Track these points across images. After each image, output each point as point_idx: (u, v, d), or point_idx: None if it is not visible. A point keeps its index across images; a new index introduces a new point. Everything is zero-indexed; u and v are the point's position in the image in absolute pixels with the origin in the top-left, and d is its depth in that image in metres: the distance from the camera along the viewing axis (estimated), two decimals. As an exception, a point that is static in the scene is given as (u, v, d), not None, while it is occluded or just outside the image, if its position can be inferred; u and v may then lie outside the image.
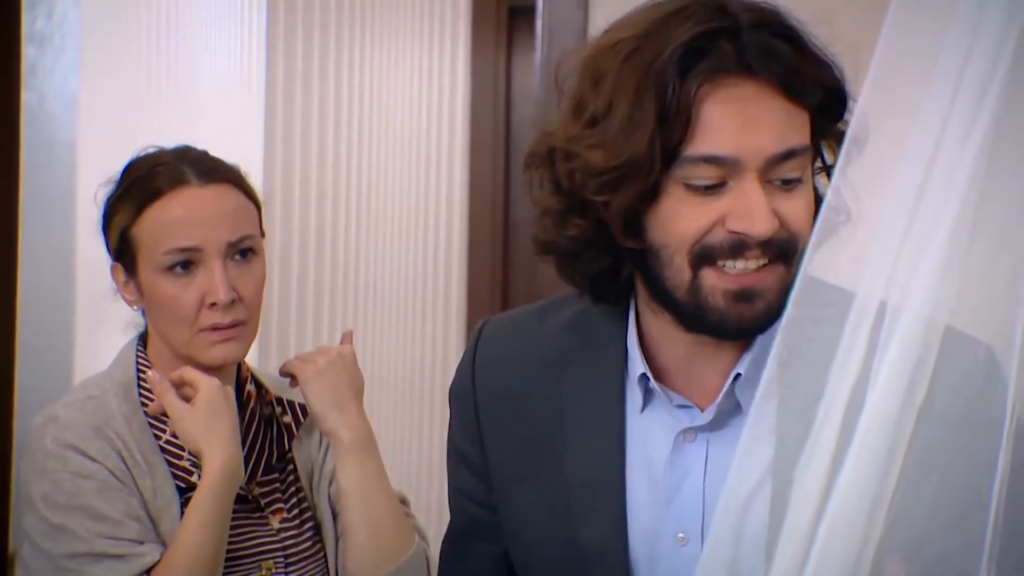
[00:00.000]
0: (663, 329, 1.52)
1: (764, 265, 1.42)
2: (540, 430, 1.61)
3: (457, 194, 4.88)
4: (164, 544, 2.02)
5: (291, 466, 2.22)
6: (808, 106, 1.42)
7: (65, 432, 2.03)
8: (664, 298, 1.48)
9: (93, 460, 2.02)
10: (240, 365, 2.20)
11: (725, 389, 1.52)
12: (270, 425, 2.21)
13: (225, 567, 2.07)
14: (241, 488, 2.11)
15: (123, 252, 2.12)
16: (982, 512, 1.11)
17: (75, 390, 2.14)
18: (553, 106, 1.51)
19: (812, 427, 1.11)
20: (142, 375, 2.13)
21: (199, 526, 2.00)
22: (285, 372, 2.19)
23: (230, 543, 2.09)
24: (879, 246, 1.10)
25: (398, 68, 4.82)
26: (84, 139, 3.74)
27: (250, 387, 2.20)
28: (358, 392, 2.20)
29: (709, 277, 1.43)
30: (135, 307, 2.15)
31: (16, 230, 3.39)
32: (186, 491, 2.06)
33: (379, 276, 4.79)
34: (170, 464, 2.08)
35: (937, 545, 1.13)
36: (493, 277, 4.87)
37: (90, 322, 3.76)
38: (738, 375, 1.51)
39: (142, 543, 2.00)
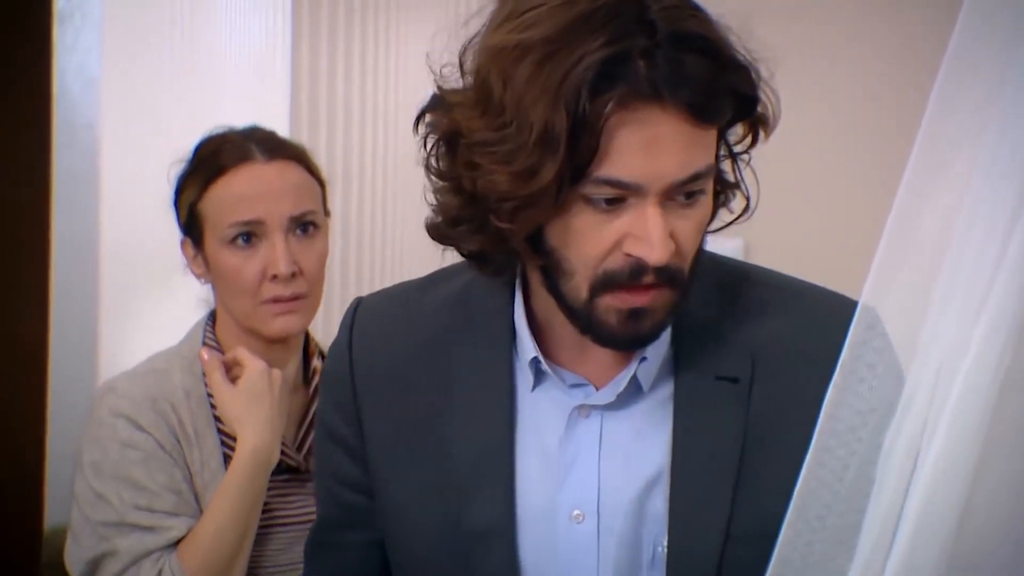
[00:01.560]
0: (556, 311, 1.50)
1: (654, 285, 1.42)
2: (424, 410, 1.58)
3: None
4: None
5: None
6: (718, 123, 1.42)
7: (121, 402, 2.11)
8: (559, 299, 1.47)
9: (143, 431, 2.09)
10: (308, 340, 2.26)
11: (630, 373, 1.52)
12: None
13: (273, 532, 2.15)
14: (292, 459, 2.19)
15: (191, 227, 2.21)
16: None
17: (143, 362, 2.23)
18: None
19: (894, 407, 1.09)
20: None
21: (224, 507, 2.06)
22: None
23: (279, 511, 2.16)
24: (961, 222, 1.08)
25: (424, 53, 4.80)
26: (106, 120, 3.72)
27: (316, 362, 2.27)
28: None
29: (605, 299, 1.43)
30: (203, 280, 2.21)
31: (48, 217, 3.42)
32: None
33: (405, 260, 4.77)
34: (225, 435, 2.14)
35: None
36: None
37: (114, 305, 3.75)
38: (643, 358, 1.52)
39: (176, 515, 2.07)
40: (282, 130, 4.34)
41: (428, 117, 1.53)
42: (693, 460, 1.50)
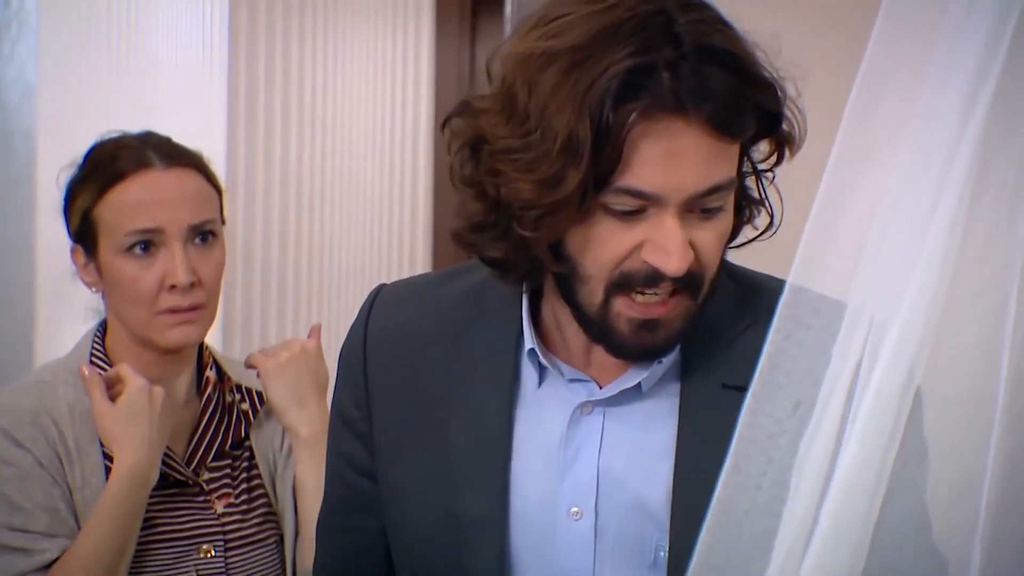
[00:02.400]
0: (567, 314, 1.52)
1: (672, 294, 1.44)
2: (429, 398, 1.59)
3: (421, 183, 4.86)
4: None
5: (247, 453, 2.22)
6: (741, 138, 1.43)
7: (0, 416, 2.04)
8: (572, 306, 1.49)
9: (20, 446, 2.02)
10: (202, 350, 2.21)
11: (636, 376, 1.53)
12: (228, 411, 2.21)
13: (163, 548, 2.09)
14: (181, 474, 2.13)
15: (84, 234, 2.13)
16: (975, 491, 1.11)
17: (30, 374, 2.16)
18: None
19: (811, 415, 1.11)
20: (95, 363, 2.12)
21: (98, 529, 1.99)
22: (248, 365, 2.21)
23: (164, 525, 2.10)
24: (876, 230, 1.10)
25: (363, 55, 4.80)
26: (43, 128, 3.71)
27: (210, 373, 2.20)
28: (321, 388, 2.20)
29: (618, 303, 1.44)
30: (94, 290, 2.16)
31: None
32: None
33: (342, 264, 4.77)
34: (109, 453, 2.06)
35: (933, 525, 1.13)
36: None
37: (51, 313, 3.73)
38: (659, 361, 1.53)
39: (51, 536, 2.00)
40: (220, 135, 4.36)
41: (454, 122, 1.51)
42: (698, 467, 1.48)
